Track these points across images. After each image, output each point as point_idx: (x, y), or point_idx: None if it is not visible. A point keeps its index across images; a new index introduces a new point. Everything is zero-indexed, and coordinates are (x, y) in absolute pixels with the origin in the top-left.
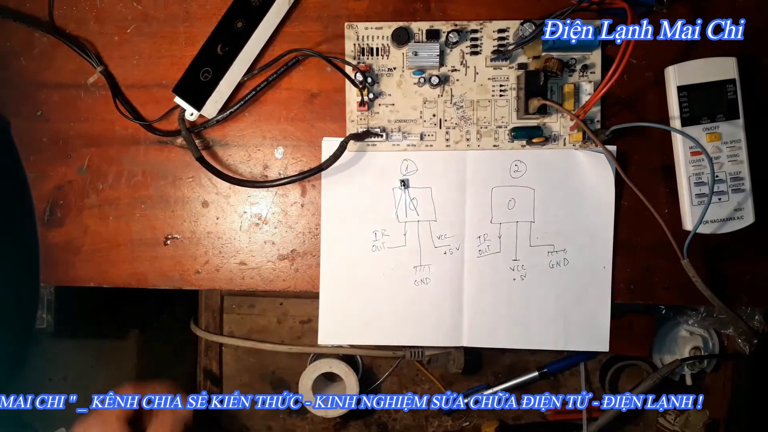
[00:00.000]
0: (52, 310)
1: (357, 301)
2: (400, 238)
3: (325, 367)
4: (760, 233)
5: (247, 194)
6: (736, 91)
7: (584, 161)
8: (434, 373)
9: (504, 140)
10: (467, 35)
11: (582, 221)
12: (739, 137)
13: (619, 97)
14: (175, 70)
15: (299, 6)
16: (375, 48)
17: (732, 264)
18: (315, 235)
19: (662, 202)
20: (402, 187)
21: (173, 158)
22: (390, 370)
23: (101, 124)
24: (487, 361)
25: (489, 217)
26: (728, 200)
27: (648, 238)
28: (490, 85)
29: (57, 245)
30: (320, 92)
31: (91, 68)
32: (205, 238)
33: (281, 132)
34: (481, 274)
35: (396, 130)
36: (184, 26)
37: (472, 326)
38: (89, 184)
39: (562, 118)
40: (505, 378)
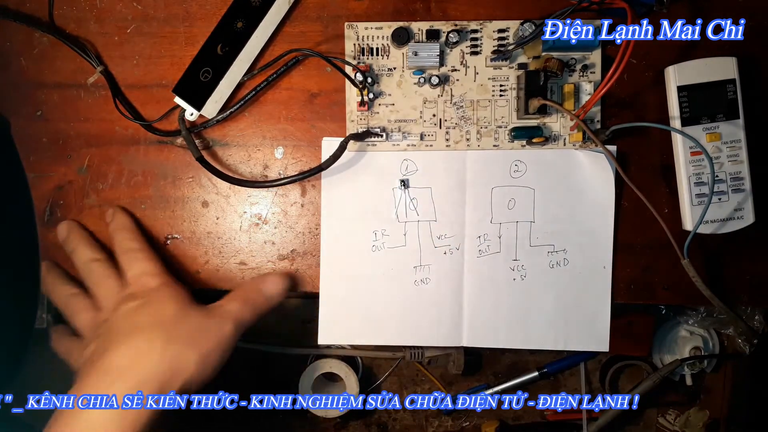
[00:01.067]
0: (52, 310)
1: (357, 301)
2: (400, 238)
3: (325, 367)
4: (760, 233)
5: (247, 194)
6: (736, 91)
7: (584, 161)
8: (434, 373)
9: (504, 140)
10: (467, 35)
11: (582, 221)
12: (739, 137)
13: (619, 97)
14: (175, 70)
15: (299, 6)
16: (375, 48)
17: (732, 264)
18: (315, 235)
19: (662, 202)
20: (402, 187)
21: (173, 158)
22: (390, 370)
23: (101, 124)
24: (487, 361)
25: (489, 217)
26: (728, 200)
27: (648, 238)
28: (490, 85)
29: (57, 245)
30: (320, 92)
31: (91, 68)
32: (205, 238)
33: (281, 132)
34: (481, 274)
35: (396, 130)
36: (184, 26)
37: (472, 326)
38: (89, 184)
39: (562, 118)
40: (505, 378)
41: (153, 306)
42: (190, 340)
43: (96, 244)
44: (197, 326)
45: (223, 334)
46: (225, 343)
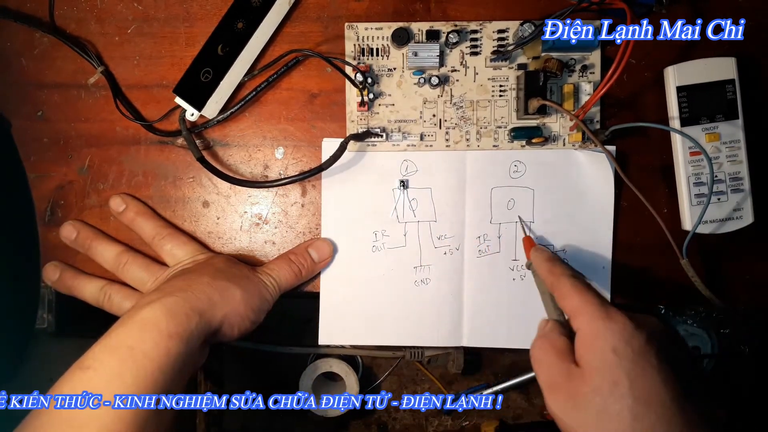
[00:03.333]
0: (52, 310)
1: (357, 301)
2: (400, 239)
3: (325, 367)
4: (760, 233)
5: (248, 194)
6: (735, 92)
7: (584, 161)
8: (434, 373)
9: (504, 140)
10: (467, 35)
11: (581, 221)
12: (739, 137)
13: (618, 97)
14: (176, 71)
15: (299, 6)
16: (375, 48)
17: (732, 264)
18: (315, 235)
19: (662, 202)
20: (401, 187)
21: (174, 158)
22: (390, 370)
23: (102, 125)
24: (487, 361)
25: (489, 217)
26: (727, 200)
27: (647, 238)
28: (490, 85)
29: (57, 245)
30: (320, 92)
31: (92, 68)
32: (206, 238)
33: (281, 132)
34: (481, 274)
35: (396, 130)
36: (184, 26)
37: (472, 326)
38: (90, 185)
39: (562, 119)
40: (505, 378)
41: (202, 262)
42: (235, 279)
43: (111, 238)
44: (243, 275)
45: (266, 288)
46: (267, 295)
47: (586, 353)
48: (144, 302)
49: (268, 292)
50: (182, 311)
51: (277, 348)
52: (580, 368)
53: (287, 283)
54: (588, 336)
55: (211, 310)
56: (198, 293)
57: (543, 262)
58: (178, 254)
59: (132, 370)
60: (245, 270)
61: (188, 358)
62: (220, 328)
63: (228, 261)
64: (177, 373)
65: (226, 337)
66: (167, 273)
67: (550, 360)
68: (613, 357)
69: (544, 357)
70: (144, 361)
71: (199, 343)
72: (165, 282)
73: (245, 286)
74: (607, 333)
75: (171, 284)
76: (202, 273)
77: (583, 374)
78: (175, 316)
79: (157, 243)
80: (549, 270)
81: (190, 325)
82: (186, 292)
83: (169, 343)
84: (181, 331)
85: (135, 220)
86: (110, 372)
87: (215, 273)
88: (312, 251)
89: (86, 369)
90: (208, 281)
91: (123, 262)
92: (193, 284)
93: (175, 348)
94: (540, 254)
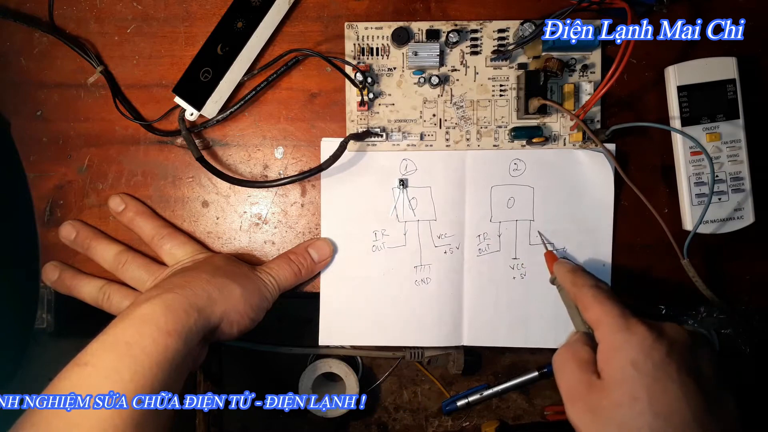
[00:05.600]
0: (52, 310)
1: (357, 301)
2: (400, 238)
3: (325, 367)
4: (760, 233)
5: (247, 194)
6: (736, 91)
7: (584, 161)
8: (434, 373)
9: (504, 140)
10: (467, 35)
11: (582, 220)
12: (739, 137)
13: (619, 97)
14: (175, 70)
15: (299, 6)
16: (375, 48)
17: (732, 264)
18: (315, 235)
19: (662, 202)
20: (401, 186)
21: (173, 158)
22: (390, 370)
23: (101, 124)
24: (487, 361)
25: (488, 216)
26: (728, 200)
27: (648, 238)
28: (490, 85)
29: (56, 245)
30: (320, 92)
31: (91, 68)
32: (205, 238)
33: (281, 132)
34: (481, 273)
35: (396, 130)
36: (184, 26)
37: (472, 326)
38: (89, 184)
39: (562, 118)
40: (505, 378)
41: (202, 261)
42: (235, 277)
43: (111, 237)
44: (242, 273)
45: (266, 287)
46: (267, 294)
47: (606, 366)
48: (142, 299)
49: (267, 290)
50: (181, 308)
51: (277, 348)
52: (601, 380)
53: (287, 282)
54: (608, 348)
55: (210, 307)
56: (197, 290)
57: (566, 273)
58: (178, 254)
59: (130, 367)
60: (245, 268)
61: (187, 355)
62: (219, 325)
63: (227, 259)
64: (175, 370)
65: (226, 335)
66: (166, 272)
67: (572, 370)
68: (633, 371)
69: (565, 366)
70: (142, 357)
71: (197, 340)
72: (164, 279)
73: (244, 284)
74: (626, 345)
75: (170, 281)
76: (201, 270)
77: (604, 387)
78: (174, 312)
79: (156, 243)
80: (572, 282)
81: (189, 321)
82: (185, 289)
83: (167, 340)
84: (180, 328)
85: (134, 220)
86: (108, 368)
87: (214, 270)
88: (312, 251)
89: (84, 365)
90: (207, 278)
91: (122, 262)
92: (192, 281)
93: (174, 345)
94: (563, 267)
